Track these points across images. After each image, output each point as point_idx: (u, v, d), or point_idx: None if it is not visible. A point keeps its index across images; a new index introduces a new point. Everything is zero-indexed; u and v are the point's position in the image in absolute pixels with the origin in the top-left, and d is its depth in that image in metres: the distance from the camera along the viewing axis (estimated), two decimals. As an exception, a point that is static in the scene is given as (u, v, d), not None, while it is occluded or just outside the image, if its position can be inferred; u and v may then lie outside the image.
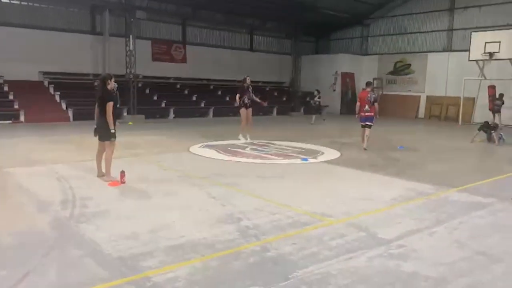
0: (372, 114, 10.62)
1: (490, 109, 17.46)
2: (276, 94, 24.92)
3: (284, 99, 24.85)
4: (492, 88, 17.42)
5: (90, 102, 7.33)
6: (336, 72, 25.00)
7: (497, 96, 17.40)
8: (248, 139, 11.74)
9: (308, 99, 20.96)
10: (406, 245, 4.27)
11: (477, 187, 6.98)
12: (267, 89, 24.76)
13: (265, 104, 13.43)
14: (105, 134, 6.67)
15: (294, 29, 24.27)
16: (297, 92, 24.70)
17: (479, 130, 12.80)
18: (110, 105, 6.52)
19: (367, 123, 10.65)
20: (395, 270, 3.71)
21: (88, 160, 7.73)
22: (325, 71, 25.09)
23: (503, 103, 17.07)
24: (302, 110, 23.96)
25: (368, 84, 11.09)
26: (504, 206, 5.91)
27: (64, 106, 17.20)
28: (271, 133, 13.94)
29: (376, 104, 10.74)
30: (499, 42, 16.92)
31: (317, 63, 25.76)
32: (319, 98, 18.57)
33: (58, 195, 5.85)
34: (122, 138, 6.86)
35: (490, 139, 12.73)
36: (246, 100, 11.79)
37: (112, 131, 6.60)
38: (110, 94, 6.65)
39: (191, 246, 4.11)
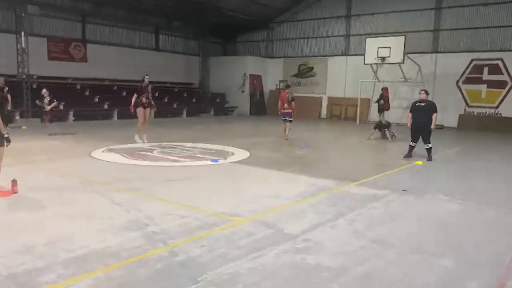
0: (290, 111, 13.12)
1: (387, 109, 18.79)
2: (185, 95, 24.60)
3: (194, 100, 24.64)
4: (386, 90, 18.90)
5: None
6: (245, 74, 25.43)
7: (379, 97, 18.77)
8: (145, 140, 11.45)
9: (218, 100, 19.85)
10: (311, 239, 4.49)
11: (373, 180, 7.58)
12: (176, 90, 24.34)
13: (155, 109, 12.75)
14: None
15: (201, 29, 24.16)
16: (206, 94, 24.66)
17: (374, 129, 14.02)
18: (-4, 107, 5.90)
19: (286, 118, 13.11)
20: (301, 263, 3.87)
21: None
22: (234, 73, 25.40)
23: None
24: (212, 112, 23.96)
25: (287, 86, 14.93)
26: (396, 197, 6.49)
27: None
28: (181, 135, 13.72)
29: (293, 102, 13.20)
30: (389, 47, 18.55)
31: (225, 64, 25.95)
32: None
33: None
34: (15, 144, 6.24)
35: (384, 136, 13.93)
36: (144, 100, 11.49)
37: (6, 135, 5.97)
38: None
39: (94, 256, 3.87)
